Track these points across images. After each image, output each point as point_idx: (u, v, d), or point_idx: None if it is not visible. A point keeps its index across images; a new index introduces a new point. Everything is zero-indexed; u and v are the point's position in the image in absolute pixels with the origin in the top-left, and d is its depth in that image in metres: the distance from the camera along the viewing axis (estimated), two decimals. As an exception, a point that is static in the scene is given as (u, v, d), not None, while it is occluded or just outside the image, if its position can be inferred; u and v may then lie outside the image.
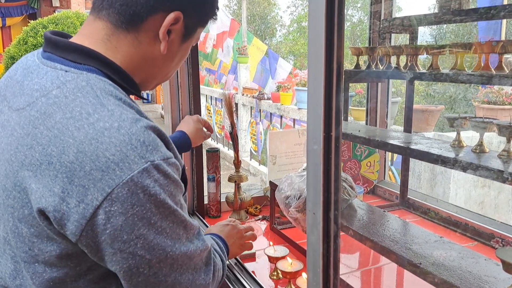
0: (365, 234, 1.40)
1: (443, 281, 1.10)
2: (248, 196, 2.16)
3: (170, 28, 0.95)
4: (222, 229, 1.41)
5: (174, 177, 0.88)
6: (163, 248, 0.86)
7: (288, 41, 23.55)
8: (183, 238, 0.91)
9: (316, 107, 0.82)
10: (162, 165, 0.84)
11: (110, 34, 0.95)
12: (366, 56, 1.99)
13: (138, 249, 0.83)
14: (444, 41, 2.44)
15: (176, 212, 0.88)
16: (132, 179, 0.80)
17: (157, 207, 0.84)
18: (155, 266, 0.86)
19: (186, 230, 0.92)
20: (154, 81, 1.06)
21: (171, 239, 0.87)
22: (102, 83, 0.89)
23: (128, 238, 0.82)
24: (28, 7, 10.69)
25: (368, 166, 2.38)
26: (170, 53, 1.00)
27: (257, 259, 1.75)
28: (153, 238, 0.84)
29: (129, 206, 0.80)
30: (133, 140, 0.82)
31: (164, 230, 0.86)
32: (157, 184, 0.83)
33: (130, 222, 0.81)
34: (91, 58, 0.92)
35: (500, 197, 4.34)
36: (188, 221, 0.93)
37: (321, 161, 0.83)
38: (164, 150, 0.87)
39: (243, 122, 8.80)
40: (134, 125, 0.84)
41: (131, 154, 0.81)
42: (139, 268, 0.85)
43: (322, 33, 0.78)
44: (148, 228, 0.83)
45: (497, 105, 4.70)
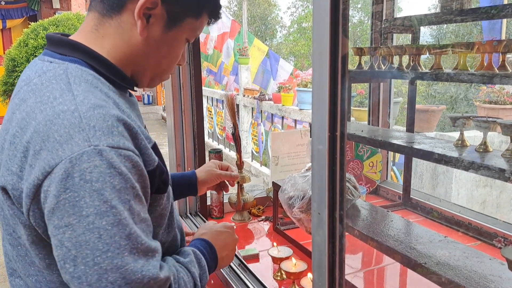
0: (369, 234, 1.40)
1: (449, 281, 1.10)
2: (251, 197, 2.16)
3: (150, 12, 0.95)
4: (217, 236, 1.19)
5: (121, 169, 0.80)
6: (91, 250, 0.76)
7: (288, 42, 23.55)
8: (122, 250, 0.78)
9: (321, 107, 0.82)
10: (106, 151, 0.79)
11: (98, 23, 0.97)
12: (368, 56, 1.98)
13: (66, 240, 0.77)
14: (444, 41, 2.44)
15: (116, 211, 0.78)
16: (70, 160, 0.77)
17: (92, 197, 0.77)
18: (80, 268, 0.77)
19: (130, 241, 0.79)
20: (146, 74, 1.04)
21: (103, 243, 0.77)
22: (80, 72, 0.90)
23: (58, 224, 0.77)
24: (29, 9, 10.69)
25: (370, 166, 2.38)
26: (153, 40, 0.98)
27: (260, 259, 1.75)
28: (81, 233, 0.76)
29: (62, 189, 0.77)
30: (82, 123, 0.80)
31: (96, 229, 0.77)
32: (96, 171, 0.77)
33: (61, 207, 0.77)
34: (77, 50, 0.94)
35: (502, 196, 4.34)
36: (135, 231, 0.80)
37: (326, 161, 0.83)
38: (119, 139, 0.82)
39: (244, 123, 8.80)
40: (91, 110, 0.82)
41: (76, 137, 0.79)
42: (65, 263, 0.78)
43: (326, 32, 0.78)
44: (79, 220, 0.76)
45: (498, 105, 4.70)
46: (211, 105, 10.21)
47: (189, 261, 1.01)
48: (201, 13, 1.02)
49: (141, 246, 0.81)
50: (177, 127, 2.01)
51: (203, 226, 1.25)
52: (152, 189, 0.92)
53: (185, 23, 1.00)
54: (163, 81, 1.12)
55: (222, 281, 1.60)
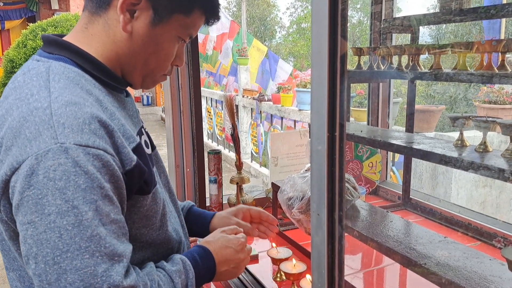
0: (369, 235, 1.39)
1: (449, 281, 1.10)
2: (250, 197, 2.15)
3: (134, 8, 0.94)
4: (220, 250, 1.12)
5: (87, 169, 0.78)
6: (51, 249, 0.76)
7: (287, 43, 23.55)
8: (83, 251, 0.76)
9: (320, 107, 0.81)
10: (73, 149, 0.78)
11: (87, 22, 0.98)
12: (367, 56, 1.98)
13: (28, 237, 0.77)
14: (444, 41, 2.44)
15: (78, 212, 0.77)
16: (36, 157, 0.77)
17: (54, 195, 0.76)
18: (40, 266, 0.76)
19: (92, 244, 0.77)
20: (135, 73, 1.02)
21: (63, 243, 0.76)
22: (63, 69, 0.90)
23: (22, 221, 0.78)
24: (27, 10, 10.70)
25: (370, 166, 2.38)
26: (139, 36, 0.97)
27: (260, 261, 1.75)
28: (43, 231, 0.76)
29: (26, 186, 0.77)
30: (52, 120, 0.80)
31: (57, 228, 0.76)
32: (60, 169, 0.77)
33: (25, 204, 0.77)
34: (63, 48, 0.94)
35: (502, 196, 4.34)
36: (99, 233, 0.78)
37: (325, 162, 0.82)
38: (89, 137, 0.80)
39: (243, 124, 8.79)
40: (63, 107, 0.81)
41: (44, 134, 0.79)
42: (29, 259, 0.78)
43: (325, 32, 0.78)
44: (41, 218, 0.76)
45: (498, 105, 4.70)
46: (210, 106, 10.21)
47: (175, 270, 0.97)
48: (191, 9, 1.00)
49: (104, 249, 0.79)
50: (176, 128, 2.00)
51: (216, 232, 1.18)
52: (132, 189, 0.91)
53: (173, 19, 0.98)
54: (158, 82, 1.09)
55: (221, 282, 1.59)
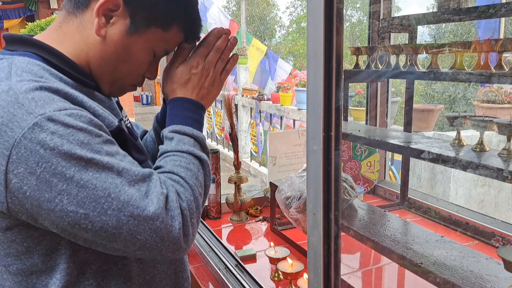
0: (366, 234, 1.39)
1: (445, 281, 1.10)
2: (248, 197, 2.16)
3: (111, 13, 0.94)
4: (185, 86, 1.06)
5: (79, 125, 0.81)
6: (95, 201, 0.80)
7: (287, 42, 23.57)
8: (121, 186, 0.82)
9: (315, 106, 0.81)
10: (56, 115, 0.79)
11: (62, 21, 0.97)
12: (366, 56, 1.98)
13: (67, 205, 0.79)
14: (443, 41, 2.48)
15: (96, 160, 0.81)
16: (24, 136, 0.77)
17: (66, 159, 0.78)
18: (96, 220, 0.80)
19: (123, 177, 0.83)
20: (103, 78, 1.00)
21: (102, 190, 0.80)
22: (25, 63, 0.89)
23: (51, 196, 0.79)
24: (26, 9, 10.69)
25: (368, 166, 2.38)
26: (111, 42, 0.96)
27: (257, 260, 1.75)
28: (77, 192, 0.79)
29: (35, 165, 0.77)
30: (19, 99, 0.80)
31: (88, 182, 0.79)
32: (55, 136, 0.78)
33: (44, 180, 0.78)
34: (29, 45, 0.94)
35: (500, 195, 4.34)
36: (123, 167, 0.84)
37: (321, 162, 0.82)
38: (63, 104, 0.82)
39: (243, 123, 8.79)
40: (25, 85, 0.82)
41: (18, 113, 0.78)
42: (81, 225, 0.80)
43: (321, 32, 0.78)
44: (67, 183, 0.78)
45: (496, 104, 4.70)
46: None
47: (175, 144, 0.99)
48: (170, 25, 1.00)
49: (135, 176, 0.85)
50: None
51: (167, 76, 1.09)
52: None
53: (150, 32, 0.98)
54: (126, 91, 1.07)
55: (218, 282, 1.59)
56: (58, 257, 0.91)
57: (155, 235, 0.84)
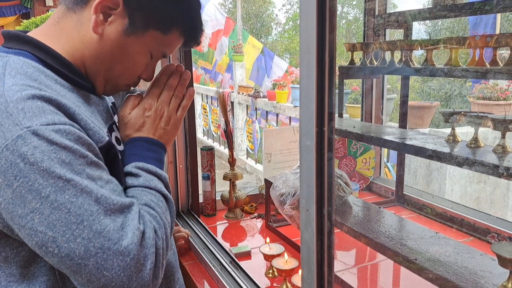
0: (360, 231, 1.39)
1: (439, 277, 1.10)
2: (243, 194, 2.15)
3: (110, 11, 0.93)
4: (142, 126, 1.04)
5: (64, 143, 0.78)
6: (66, 225, 0.76)
7: (283, 39, 23.56)
8: (97, 214, 0.78)
9: (308, 101, 0.81)
10: (41, 130, 0.77)
11: (60, 16, 0.96)
12: (361, 52, 1.98)
13: (37, 225, 0.76)
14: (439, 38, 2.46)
15: (74, 182, 0.77)
16: (7, 147, 0.75)
17: (44, 177, 0.76)
18: (64, 246, 0.76)
19: (101, 205, 0.79)
20: (97, 76, 0.99)
21: (75, 215, 0.77)
22: (20, 64, 0.87)
23: (23, 212, 0.76)
24: (21, 6, 10.62)
25: (363, 162, 2.37)
26: (108, 40, 0.95)
27: (252, 257, 1.74)
28: (49, 213, 0.76)
29: (12, 178, 0.75)
30: (9, 108, 0.78)
31: (62, 205, 0.76)
32: (37, 151, 0.76)
33: (19, 195, 0.75)
34: (24, 43, 0.92)
35: (496, 192, 4.35)
36: (102, 194, 0.80)
37: (314, 157, 0.82)
38: (53, 116, 0.79)
39: (239, 120, 8.79)
40: (17, 93, 0.79)
41: (5, 123, 0.77)
42: (48, 247, 0.77)
43: (313, 27, 0.77)
44: (41, 202, 0.76)
45: (492, 101, 4.71)
46: (206, 103, 10.20)
47: (144, 180, 0.96)
48: (169, 29, 0.98)
49: (114, 206, 0.81)
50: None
51: (121, 122, 1.06)
52: None
53: (148, 34, 0.97)
54: (120, 90, 1.06)
55: (213, 278, 1.59)
56: (37, 269, 0.88)
57: (123, 273, 0.79)
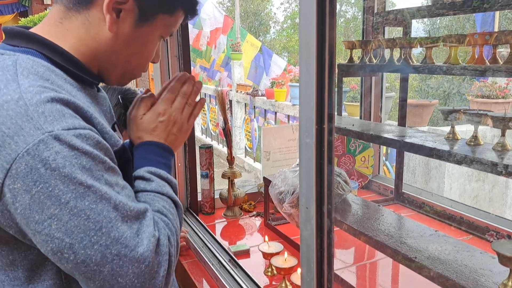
0: (359, 229, 1.38)
1: (439, 275, 1.09)
2: (242, 192, 2.15)
3: (120, 7, 0.92)
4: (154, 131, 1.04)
5: (85, 149, 0.78)
6: (84, 232, 0.76)
7: (282, 38, 23.54)
8: (114, 221, 0.79)
9: (308, 99, 0.80)
10: (63, 135, 0.76)
11: (62, 17, 0.94)
12: (360, 50, 1.97)
13: (54, 231, 0.76)
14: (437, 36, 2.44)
15: (95, 189, 0.78)
16: (28, 152, 0.74)
17: (65, 183, 0.75)
18: (80, 252, 0.76)
19: (119, 211, 0.80)
20: (115, 71, 1.00)
21: (94, 222, 0.77)
22: (31, 63, 0.85)
23: (40, 218, 0.75)
24: (19, 5, 10.60)
25: (362, 161, 2.37)
26: (123, 36, 0.95)
27: (251, 255, 1.74)
28: (68, 220, 0.75)
29: (32, 183, 0.74)
30: (29, 111, 0.76)
31: (81, 211, 0.76)
32: (59, 156, 0.75)
33: (37, 201, 0.75)
34: (31, 41, 0.90)
35: (495, 190, 4.35)
36: (120, 200, 0.81)
37: (314, 155, 0.81)
38: (73, 121, 0.79)
39: (237, 119, 8.78)
40: (36, 96, 0.78)
41: (26, 126, 0.75)
42: (63, 254, 0.76)
43: (313, 24, 0.77)
44: (60, 208, 0.75)
45: (490, 99, 4.71)
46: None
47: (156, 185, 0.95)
48: (175, 9, 0.99)
49: (130, 212, 0.81)
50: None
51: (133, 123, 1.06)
52: None
53: (158, 19, 0.97)
54: (134, 78, 1.07)
55: (212, 277, 1.58)
56: (43, 273, 0.87)
57: (136, 280, 0.80)
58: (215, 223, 2.09)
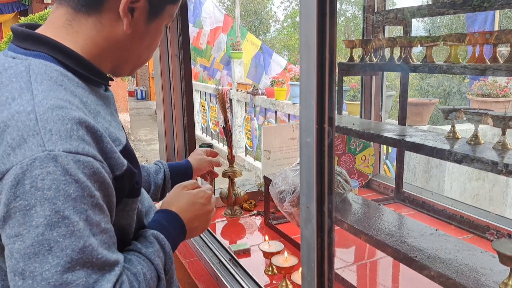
0: (360, 228, 1.39)
1: (439, 274, 1.09)
2: (242, 191, 2.14)
3: (133, 6, 0.92)
4: (187, 208, 1.11)
5: (77, 177, 0.75)
6: (40, 263, 0.71)
7: (282, 37, 23.52)
8: (74, 264, 0.73)
9: (308, 98, 0.80)
10: (62, 157, 0.74)
11: (71, 19, 0.93)
12: (360, 49, 1.97)
13: (15, 251, 0.72)
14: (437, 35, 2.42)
15: (69, 222, 0.73)
16: (21, 166, 0.72)
17: (43, 206, 0.72)
18: (28, 282, 0.71)
19: (84, 255, 0.74)
20: (127, 65, 1.02)
21: (53, 257, 0.72)
22: (44, 68, 0.85)
23: (9, 233, 0.73)
24: (20, 4, 10.60)
25: (363, 160, 2.37)
26: (137, 33, 0.96)
27: (251, 254, 1.74)
28: (30, 245, 0.71)
29: (13, 197, 0.72)
30: (38, 126, 0.75)
31: (46, 241, 0.72)
32: (48, 178, 0.73)
33: (12, 216, 0.72)
34: (41, 44, 0.89)
35: (495, 189, 4.35)
36: (90, 244, 0.75)
37: (314, 154, 0.81)
38: (78, 144, 0.76)
39: (237, 117, 8.78)
40: (49, 111, 0.77)
41: (29, 141, 0.74)
42: (14, 275, 0.73)
43: (313, 23, 0.77)
44: (28, 230, 0.72)
45: (491, 98, 4.71)
46: (205, 100, 10.18)
47: (153, 251, 0.95)
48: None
49: (96, 260, 0.76)
50: (167, 122, 1.99)
51: (173, 193, 1.16)
52: (123, 194, 0.88)
53: (166, 11, 0.99)
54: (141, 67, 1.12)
55: (212, 276, 1.59)
56: None
57: None
58: (216, 223, 2.10)
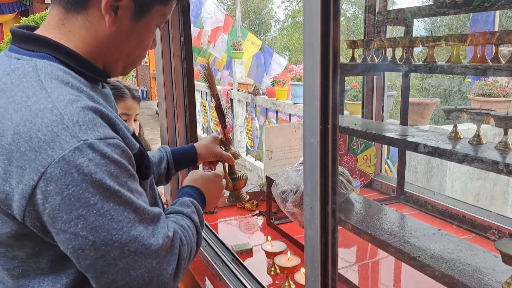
0: (363, 228, 1.39)
1: (443, 274, 1.10)
2: (244, 174, 1.96)
3: (116, 4, 0.94)
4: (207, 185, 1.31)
5: (114, 158, 0.85)
6: (107, 231, 0.83)
7: (283, 36, 23.52)
8: (134, 222, 0.87)
9: (312, 98, 0.81)
10: (97, 144, 0.83)
11: (63, 18, 0.96)
12: (361, 49, 1.97)
13: (80, 230, 0.82)
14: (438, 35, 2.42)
15: (120, 193, 0.85)
16: (64, 158, 0.79)
17: (95, 187, 0.82)
18: (101, 248, 0.83)
19: (138, 214, 0.88)
20: (117, 65, 1.04)
21: (117, 222, 0.84)
22: (50, 68, 0.89)
23: (68, 218, 0.81)
24: (20, 4, 10.62)
25: (364, 159, 2.37)
26: (122, 31, 0.98)
27: (254, 254, 1.74)
28: (94, 220, 0.82)
29: (64, 186, 0.80)
30: (65, 120, 0.82)
31: (107, 212, 0.83)
32: (92, 163, 0.82)
33: (67, 202, 0.80)
34: (43, 45, 0.93)
35: (496, 189, 4.35)
36: (140, 205, 0.89)
37: (318, 154, 0.82)
38: (103, 130, 0.86)
39: (238, 117, 8.78)
40: (69, 105, 0.84)
41: (62, 134, 0.81)
42: (84, 250, 0.83)
43: (317, 24, 0.77)
44: (88, 209, 0.82)
45: (492, 98, 4.71)
46: (206, 100, 10.17)
47: (191, 211, 1.12)
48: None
49: (147, 215, 0.90)
50: (169, 122, 1.99)
51: (194, 172, 1.35)
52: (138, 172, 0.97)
53: (154, 11, 1.00)
54: (135, 67, 1.14)
55: (215, 276, 1.59)
56: (67, 263, 0.91)
57: (146, 274, 0.88)
58: (218, 222, 2.10)
